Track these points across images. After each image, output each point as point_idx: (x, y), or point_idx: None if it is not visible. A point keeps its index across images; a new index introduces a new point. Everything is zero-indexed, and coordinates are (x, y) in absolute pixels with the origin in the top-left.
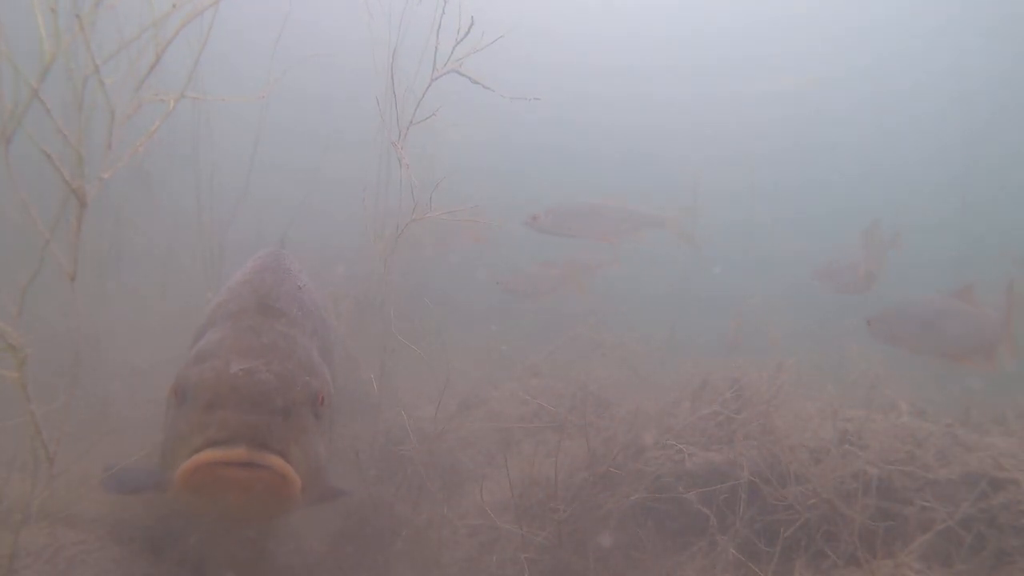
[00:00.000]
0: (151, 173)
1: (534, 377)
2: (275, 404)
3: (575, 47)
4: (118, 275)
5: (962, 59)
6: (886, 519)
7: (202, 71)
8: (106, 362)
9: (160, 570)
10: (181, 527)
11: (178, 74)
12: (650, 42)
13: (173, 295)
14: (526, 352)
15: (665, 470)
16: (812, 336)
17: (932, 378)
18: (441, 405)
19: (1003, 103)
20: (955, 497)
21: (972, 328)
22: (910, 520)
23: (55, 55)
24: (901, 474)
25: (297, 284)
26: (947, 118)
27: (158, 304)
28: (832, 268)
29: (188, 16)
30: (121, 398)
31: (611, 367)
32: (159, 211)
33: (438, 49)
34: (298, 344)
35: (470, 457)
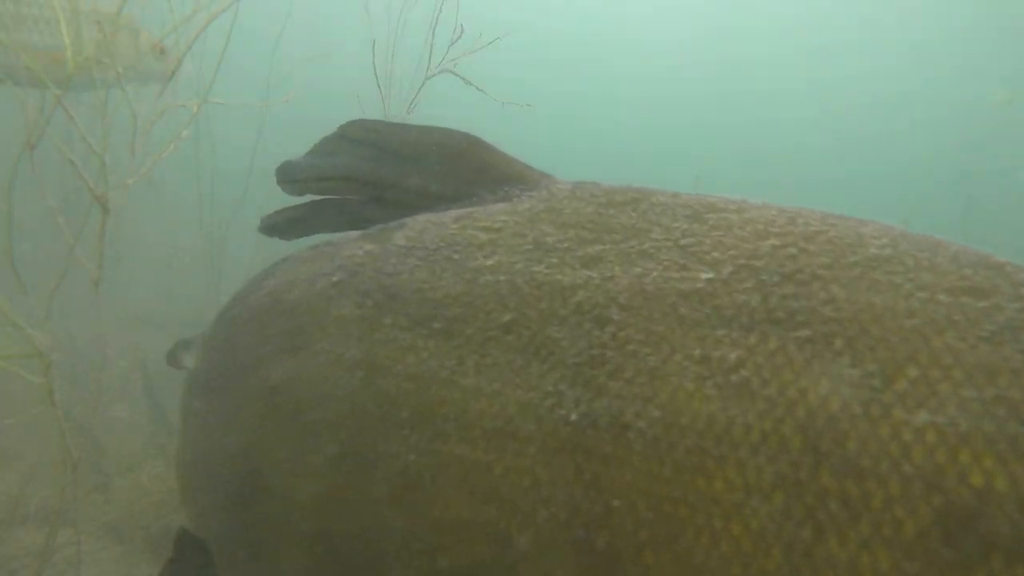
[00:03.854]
0: (154, 170)
1: None
2: None
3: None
4: (120, 274)
5: (968, 62)
6: None
7: (206, 70)
8: (105, 361)
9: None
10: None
11: (181, 75)
12: (659, 45)
13: (175, 295)
14: None
15: None
16: None
17: None
18: None
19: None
20: None
21: None
22: None
23: (77, 63)
24: None
25: None
26: (952, 121)
27: (159, 303)
28: None
29: (209, 17)
30: (117, 397)
31: None
32: (162, 208)
33: (432, 50)
34: None
35: None
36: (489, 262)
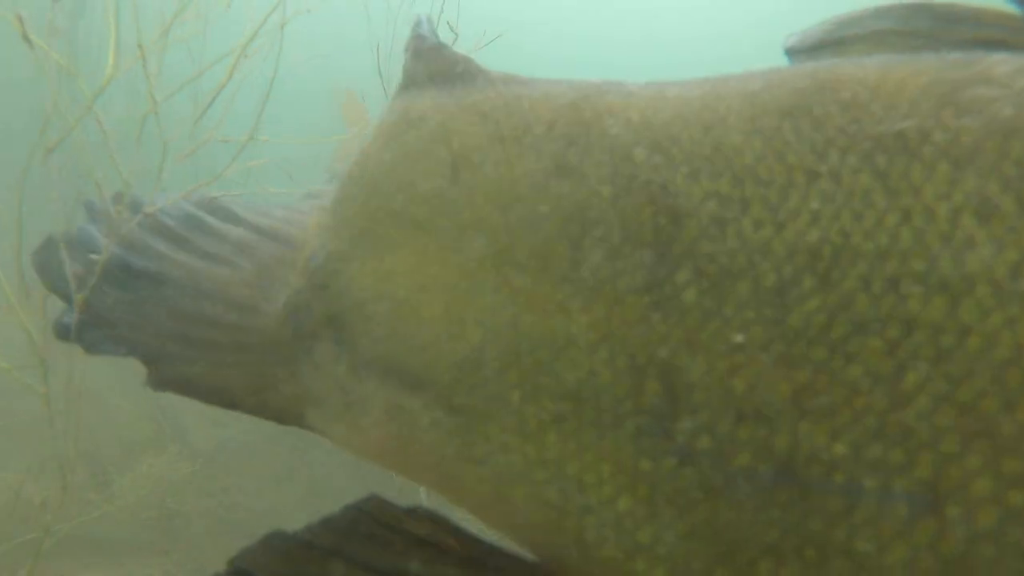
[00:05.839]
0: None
1: None
2: None
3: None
4: None
5: None
6: None
7: (208, 69)
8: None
9: (160, 570)
10: (181, 527)
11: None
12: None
13: None
14: None
15: None
16: None
17: None
18: None
19: None
20: None
21: None
22: None
23: (111, 78)
24: None
25: None
26: None
27: None
28: None
29: (249, 37)
30: (114, 392)
31: None
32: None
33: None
34: None
35: None
36: None
